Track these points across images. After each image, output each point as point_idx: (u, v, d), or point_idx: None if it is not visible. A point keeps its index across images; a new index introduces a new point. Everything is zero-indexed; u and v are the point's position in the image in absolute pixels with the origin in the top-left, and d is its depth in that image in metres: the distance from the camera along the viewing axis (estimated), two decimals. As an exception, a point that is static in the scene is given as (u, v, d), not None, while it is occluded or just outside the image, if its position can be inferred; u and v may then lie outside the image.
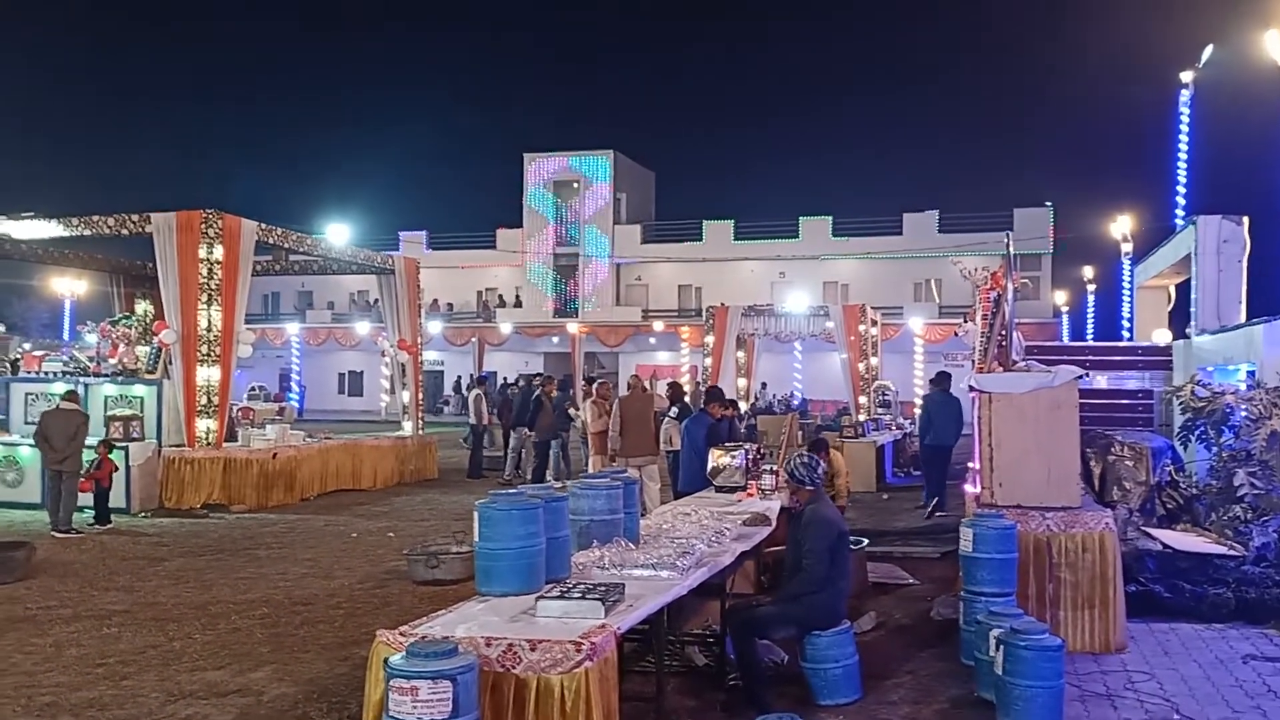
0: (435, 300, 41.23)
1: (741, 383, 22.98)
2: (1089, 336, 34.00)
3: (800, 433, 17.27)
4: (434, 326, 36.42)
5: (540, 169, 43.94)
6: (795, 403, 31.59)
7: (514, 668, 3.64)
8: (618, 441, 11.57)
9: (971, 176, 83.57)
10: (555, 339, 40.49)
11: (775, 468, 7.51)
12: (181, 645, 6.65)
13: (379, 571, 9.18)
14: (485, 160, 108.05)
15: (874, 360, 22.51)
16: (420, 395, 18.30)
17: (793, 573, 5.58)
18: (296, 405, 34.20)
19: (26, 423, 13.85)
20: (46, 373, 14.49)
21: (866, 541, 8.59)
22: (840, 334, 21.60)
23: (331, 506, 13.53)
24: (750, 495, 7.31)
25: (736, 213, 42.98)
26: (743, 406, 20.58)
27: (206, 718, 5.31)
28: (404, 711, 3.29)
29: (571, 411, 15.85)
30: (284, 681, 5.88)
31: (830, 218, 41.06)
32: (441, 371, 43.03)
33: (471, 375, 35.09)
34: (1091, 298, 35.88)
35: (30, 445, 12.95)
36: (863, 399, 21.01)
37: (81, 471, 11.38)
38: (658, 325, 38.37)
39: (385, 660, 3.48)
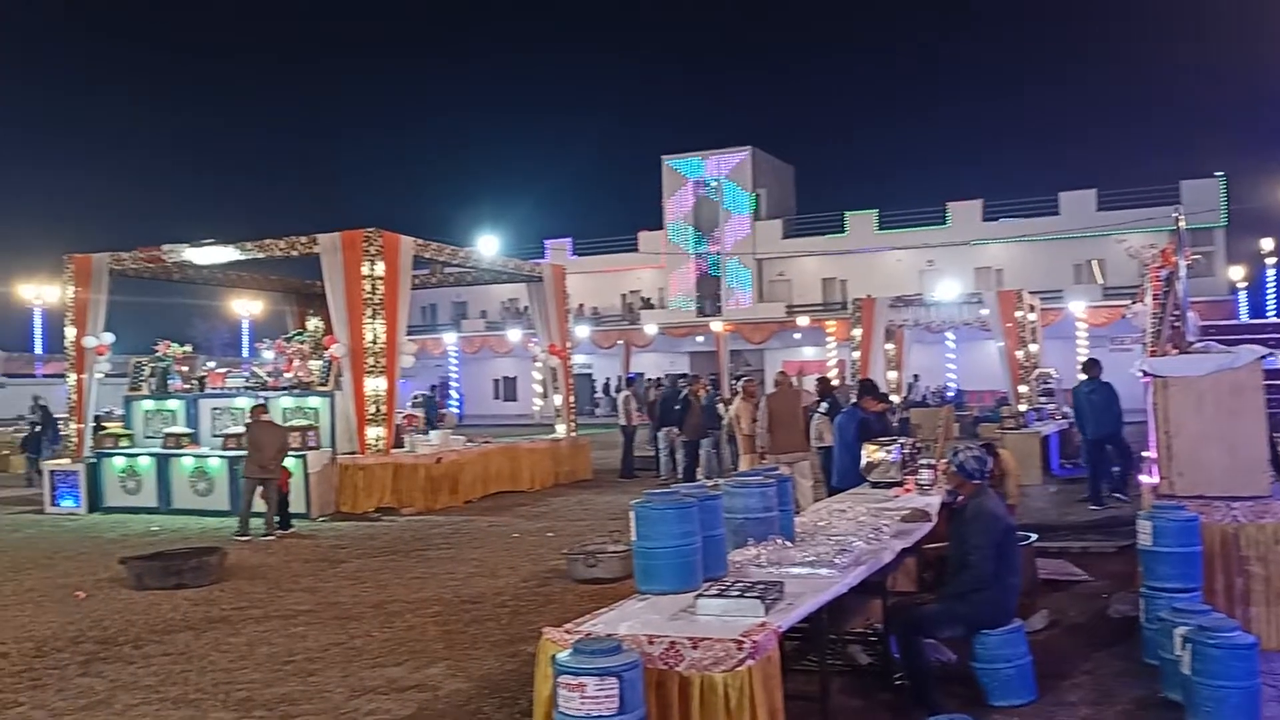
0: (580, 305, 41.99)
1: (891, 375, 22.46)
2: (1270, 313, 31.60)
3: (957, 425, 16.76)
4: (581, 330, 37.08)
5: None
6: (949, 394, 30.60)
7: (677, 665, 3.66)
8: (765, 438, 11.51)
9: (1132, 151, 79.19)
10: (700, 338, 40.53)
11: (934, 462, 7.33)
12: (362, 643, 7.00)
13: (541, 570, 9.43)
14: (625, 166, 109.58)
15: (1033, 347, 21.57)
16: (572, 398, 18.68)
17: (956, 570, 5.42)
18: (456, 411, 35.54)
19: (214, 435, 14.90)
20: (230, 388, 15.54)
21: (1035, 536, 8.26)
22: (996, 321, 20.77)
23: (493, 508, 13.99)
24: (907, 491, 7.16)
25: (879, 203, 41.95)
26: (894, 399, 20.10)
27: (389, 712, 5.57)
28: (573, 707, 3.35)
29: (721, 408, 15.85)
30: (458, 677, 6.12)
31: (980, 201, 39.62)
32: (590, 374, 43.77)
33: (620, 377, 35.61)
34: (1271, 272, 33.33)
35: (220, 457, 13.95)
36: (1023, 388, 20.19)
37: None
38: (802, 320, 37.86)
39: (553, 657, 3.56)
